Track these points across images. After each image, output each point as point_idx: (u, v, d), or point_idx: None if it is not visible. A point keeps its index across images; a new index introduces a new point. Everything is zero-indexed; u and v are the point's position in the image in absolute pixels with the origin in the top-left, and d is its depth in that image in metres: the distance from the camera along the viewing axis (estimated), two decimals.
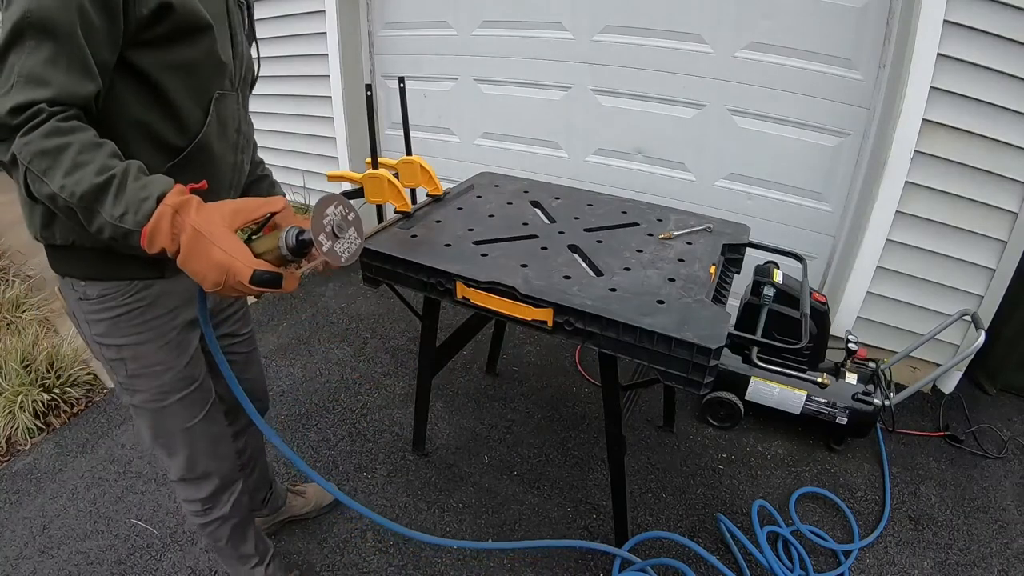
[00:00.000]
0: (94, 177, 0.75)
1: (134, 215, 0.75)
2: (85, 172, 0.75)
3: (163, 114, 0.90)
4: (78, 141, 0.76)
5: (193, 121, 0.94)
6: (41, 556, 1.72)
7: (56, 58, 0.76)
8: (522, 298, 1.28)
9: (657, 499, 1.89)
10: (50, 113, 0.76)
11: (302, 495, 1.80)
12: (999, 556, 1.72)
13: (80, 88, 0.78)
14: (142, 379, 1.09)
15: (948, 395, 2.36)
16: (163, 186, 0.78)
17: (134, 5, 0.79)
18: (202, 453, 1.22)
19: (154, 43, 0.84)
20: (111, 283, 1.00)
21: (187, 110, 0.92)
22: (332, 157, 3.35)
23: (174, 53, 0.87)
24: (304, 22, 3.07)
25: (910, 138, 1.95)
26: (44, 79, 0.76)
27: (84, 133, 0.78)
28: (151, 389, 1.10)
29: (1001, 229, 1.99)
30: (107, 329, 1.04)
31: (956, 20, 1.78)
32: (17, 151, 0.75)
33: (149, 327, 1.05)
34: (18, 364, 2.29)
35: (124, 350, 1.06)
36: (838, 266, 2.37)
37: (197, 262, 0.76)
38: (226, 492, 1.31)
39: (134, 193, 0.76)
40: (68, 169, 0.75)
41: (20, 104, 0.74)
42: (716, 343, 1.12)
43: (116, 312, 1.02)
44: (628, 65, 2.46)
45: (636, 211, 1.75)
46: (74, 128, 0.77)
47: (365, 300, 3.04)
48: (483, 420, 2.21)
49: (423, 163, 1.62)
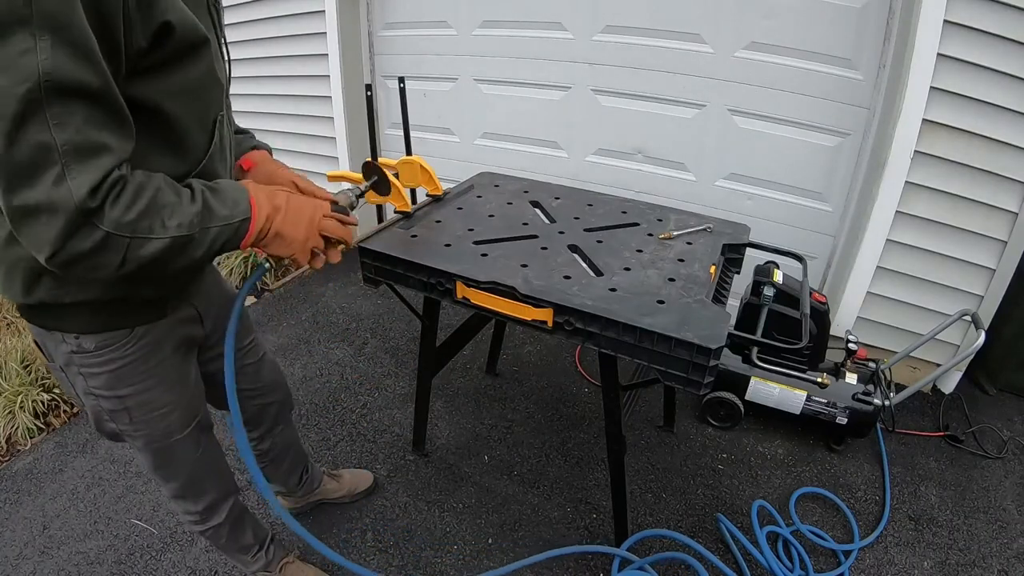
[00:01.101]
0: (192, 204, 0.79)
1: (240, 205, 0.84)
2: (183, 205, 0.78)
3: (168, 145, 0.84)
4: (156, 185, 0.76)
5: (196, 148, 0.88)
6: (41, 556, 1.72)
7: (94, 116, 0.68)
8: (522, 298, 1.28)
9: (657, 499, 1.89)
10: (120, 177, 0.71)
11: (337, 479, 1.83)
12: (999, 556, 1.72)
13: (129, 141, 0.73)
14: (147, 424, 1.04)
15: (948, 395, 2.36)
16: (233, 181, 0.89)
17: (133, 37, 0.70)
18: (200, 476, 1.23)
19: (153, 69, 0.76)
20: (110, 334, 0.93)
21: (192, 136, 0.86)
22: (332, 157, 3.35)
23: (176, 76, 0.79)
24: (304, 22, 3.07)
25: (910, 138, 1.94)
26: (99, 144, 0.68)
27: (151, 177, 0.76)
28: (156, 432, 1.06)
29: (1001, 229, 1.99)
30: (108, 381, 0.97)
31: (956, 20, 1.78)
32: (114, 228, 0.71)
33: (154, 372, 1.01)
34: (18, 364, 2.29)
35: (128, 400, 1.00)
36: (838, 266, 2.37)
37: (297, 213, 0.92)
38: (223, 503, 1.32)
39: (226, 191, 0.85)
40: (170, 213, 0.76)
41: (95, 183, 0.67)
42: (716, 343, 1.12)
43: (119, 363, 0.96)
44: (628, 65, 2.46)
45: (636, 211, 1.75)
46: (144, 179, 0.75)
47: (365, 300, 3.04)
48: (483, 420, 2.21)
49: (423, 163, 1.62)
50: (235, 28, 3.40)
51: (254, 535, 1.48)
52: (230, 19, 3.69)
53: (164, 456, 1.13)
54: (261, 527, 1.53)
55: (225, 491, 1.31)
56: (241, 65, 3.49)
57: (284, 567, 1.57)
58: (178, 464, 1.16)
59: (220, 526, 1.33)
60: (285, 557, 1.59)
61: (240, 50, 3.46)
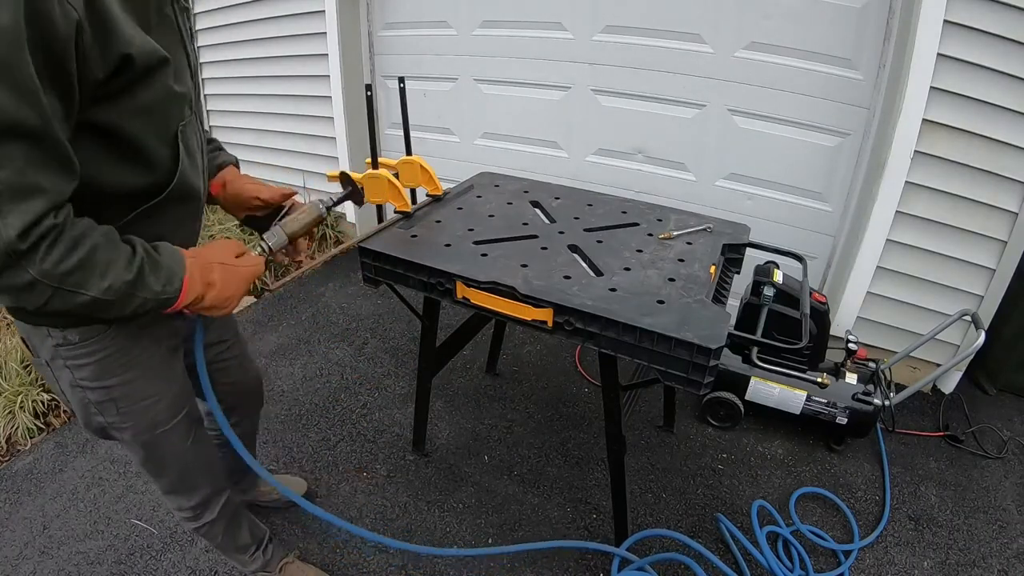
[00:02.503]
0: (127, 269, 0.79)
1: (171, 284, 0.86)
2: (118, 267, 0.78)
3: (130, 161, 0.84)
4: (94, 242, 0.76)
5: (162, 161, 0.88)
6: (41, 556, 1.72)
7: (32, 157, 0.68)
8: (522, 298, 1.28)
9: (657, 499, 1.89)
10: (54, 225, 0.71)
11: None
12: (999, 556, 1.72)
13: (69, 183, 0.73)
14: (133, 415, 1.07)
15: (948, 395, 2.36)
16: (178, 251, 0.89)
17: (89, 71, 0.70)
18: (191, 471, 1.24)
19: (111, 95, 0.76)
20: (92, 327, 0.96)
21: (154, 152, 0.86)
22: (332, 157, 3.35)
23: (133, 99, 0.79)
24: (304, 22, 3.07)
25: (910, 138, 1.95)
26: (34, 186, 0.68)
27: (92, 231, 0.77)
28: (142, 424, 1.08)
29: (1001, 229, 1.99)
30: (94, 372, 0.99)
31: (956, 20, 1.78)
32: (41, 276, 0.71)
33: (138, 362, 1.04)
34: (18, 364, 2.29)
35: (114, 390, 1.02)
36: (838, 266, 2.37)
37: (232, 286, 0.95)
38: (215, 499, 1.32)
39: (165, 265, 0.86)
40: (102, 273, 0.77)
41: (26, 225, 0.68)
42: (716, 343, 1.12)
43: (102, 353, 0.98)
44: (628, 65, 2.46)
45: (636, 211, 1.75)
46: (85, 230, 0.75)
47: (365, 300, 3.04)
48: (483, 420, 2.21)
49: (423, 163, 1.62)
50: (235, 28, 3.40)
51: (251, 534, 1.48)
52: (230, 19, 3.72)
53: (152, 449, 1.14)
54: (259, 526, 1.53)
55: (217, 487, 1.31)
56: (241, 65, 3.50)
57: (284, 567, 1.57)
58: (167, 457, 1.17)
59: (214, 523, 1.33)
60: (285, 557, 1.59)
61: (240, 50, 3.46)
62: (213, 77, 3.68)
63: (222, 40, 3.51)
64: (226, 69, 3.60)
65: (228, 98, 3.69)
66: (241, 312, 2.95)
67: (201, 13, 3.46)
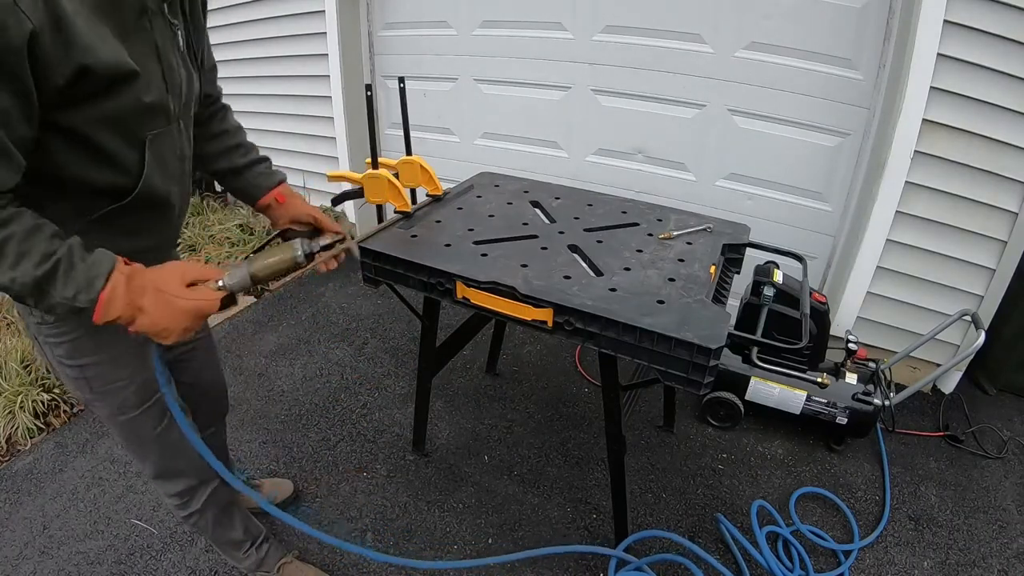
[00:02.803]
0: (39, 266, 0.78)
1: (87, 293, 0.81)
2: (29, 262, 0.77)
3: (99, 164, 0.87)
4: (17, 232, 0.77)
5: (129, 165, 0.91)
6: (41, 556, 1.72)
7: None
8: (522, 298, 1.28)
9: (657, 499, 1.89)
10: None
11: (257, 488, 1.83)
12: (999, 556, 1.72)
13: (5, 177, 0.76)
14: (104, 395, 1.11)
15: (948, 395, 2.36)
16: (109, 261, 0.84)
17: (47, 77, 0.74)
18: (171, 456, 1.26)
19: (78, 101, 0.79)
20: None
21: (122, 156, 0.89)
22: (332, 157, 3.35)
23: (99, 107, 0.82)
24: (304, 22, 3.07)
25: (910, 138, 1.95)
26: None
27: (20, 221, 0.78)
28: (114, 404, 1.13)
29: (1001, 229, 1.99)
30: (68, 351, 1.04)
31: (956, 20, 1.78)
32: None
33: (106, 347, 1.07)
34: (18, 364, 2.29)
35: (86, 370, 1.07)
36: (838, 266, 2.37)
37: (167, 318, 0.86)
38: (201, 488, 1.35)
39: (83, 272, 0.81)
40: (13, 262, 0.77)
41: None
42: (716, 343, 1.12)
43: (75, 335, 1.03)
44: (628, 65, 2.46)
45: (636, 211, 1.75)
46: (11, 218, 0.77)
47: (365, 300, 3.04)
48: (483, 420, 2.21)
49: (423, 163, 1.62)
50: (235, 28, 3.40)
51: (244, 530, 1.49)
52: (230, 19, 3.72)
53: (127, 430, 1.19)
54: (255, 524, 1.54)
55: (202, 477, 1.34)
56: (241, 65, 3.50)
57: (282, 567, 1.57)
58: (143, 441, 1.21)
59: (201, 513, 1.37)
60: (283, 558, 1.59)
61: (240, 50, 3.46)
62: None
63: (222, 40, 3.50)
64: (226, 69, 3.56)
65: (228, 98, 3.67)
66: (241, 312, 2.95)
67: None
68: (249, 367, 2.52)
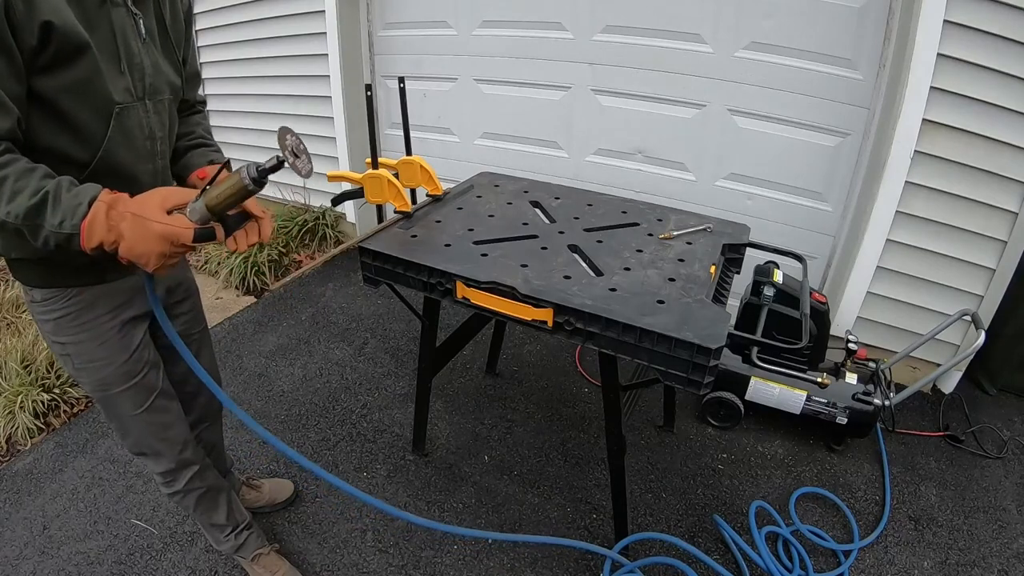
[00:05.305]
0: (31, 198, 0.85)
1: (71, 219, 0.86)
2: (23, 196, 0.85)
3: (68, 134, 0.95)
4: (13, 171, 0.85)
5: (94, 135, 0.98)
6: (41, 556, 1.72)
7: None
8: (522, 298, 1.28)
9: (657, 499, 1.89)
10: None
11: (257, 489, 1.84)
12: (999, 556, 1.72)
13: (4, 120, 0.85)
14: (85, 372, 1.20)
15: (948, 395, 2.36)
16: (93, 191, 0.89)
17: (23, 37, 0.83)
18: (149, 437, 1.31)
19: (46, 68, 0.88)
20: (51, 289, 1.10)
21: (88, 126, 0.97)
22: (332, 157, 3.35)
23: (62, 75, 0.90)
24: (304, 22, 3.07)
25: (910, 138, 1.95)
26: None
27: (16, 163, 0.86)
28: (94, 381, 1.21)
29: (1001, 229, 1.99)
30: (53, 329, 1.14)
31: (956, 20, 1.78)
32: None
33: (88, 327, 1.15)
34: (18, 364, 2.29)
35: (68, 347, 1.16)
36: (838, 266, 2.37)
37: (142, 242, 0.89)
38: (183, 471, 1.39)
39: (68, 202, 0.87)
40: (8, 198, 0.84)
41: None
42: (716, 343, 1.12)
43: (57, 314, 1.12)
44: (628, 65, 2.46)
45: (636, 211, 1.75)
46: (7, 161, 0.85)
47: (365, 300, 3.04)
48: (483, 420, 2.21)
49: (423, 163, 1.62)
50: (235, 28, 3.40)
51: (227, 516, 1.53)
52: (230, 19, 3.73)
53: (107, 405, 1.26)
54: (241, 512, 1.59)
55: (182, 461, 1.37)
56: (241, 65, 3.50)
57: (258, 557, 1.61)
58: (121, 419, 1.27)
59: (185, 494, 1.42)
60: (260, 548, 1.62)
61: (240, 50, 3.46)
62: (213, 77, 3.67)
63: (222, 40, 3.51)
64: (226, 69, 3.60)
65: (228, 98, 3.68)
66: (241, 312, 2.95)
67: (201, 13, 3.46)
68: (249, 367, 2.52)
